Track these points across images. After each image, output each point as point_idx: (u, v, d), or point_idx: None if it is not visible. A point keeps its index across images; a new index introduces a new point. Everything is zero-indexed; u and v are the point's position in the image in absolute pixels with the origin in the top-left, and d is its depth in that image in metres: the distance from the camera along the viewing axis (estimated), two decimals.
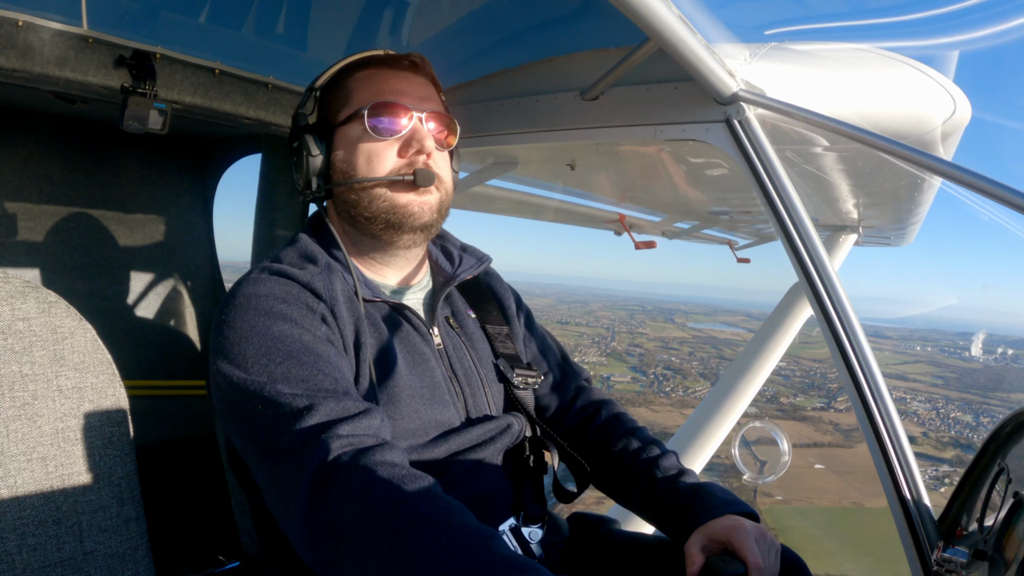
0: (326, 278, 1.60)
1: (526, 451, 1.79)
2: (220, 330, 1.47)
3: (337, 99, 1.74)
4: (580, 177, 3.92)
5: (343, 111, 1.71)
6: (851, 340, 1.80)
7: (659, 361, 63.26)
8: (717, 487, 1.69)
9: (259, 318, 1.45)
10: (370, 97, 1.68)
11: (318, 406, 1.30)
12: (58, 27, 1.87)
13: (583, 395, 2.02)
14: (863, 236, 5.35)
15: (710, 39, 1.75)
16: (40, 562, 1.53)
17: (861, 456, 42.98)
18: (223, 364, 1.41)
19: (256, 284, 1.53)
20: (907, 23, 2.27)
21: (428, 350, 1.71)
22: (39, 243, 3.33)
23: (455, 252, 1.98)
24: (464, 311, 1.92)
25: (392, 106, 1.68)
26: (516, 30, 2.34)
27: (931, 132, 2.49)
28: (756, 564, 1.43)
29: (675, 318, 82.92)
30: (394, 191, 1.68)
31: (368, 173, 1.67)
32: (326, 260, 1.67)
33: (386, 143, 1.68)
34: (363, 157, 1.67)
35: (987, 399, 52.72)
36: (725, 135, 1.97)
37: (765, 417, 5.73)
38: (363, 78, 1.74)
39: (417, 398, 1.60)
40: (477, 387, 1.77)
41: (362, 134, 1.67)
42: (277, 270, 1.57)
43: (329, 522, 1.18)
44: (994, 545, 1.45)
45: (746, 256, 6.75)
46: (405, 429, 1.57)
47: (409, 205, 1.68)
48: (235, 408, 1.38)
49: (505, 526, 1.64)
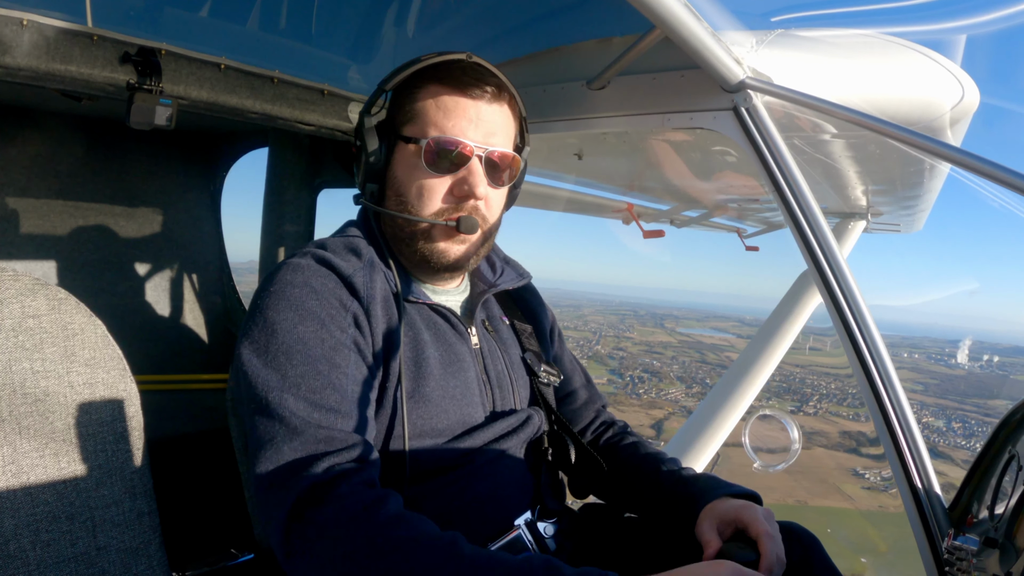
0: (367, 274, 1.60)
1: (545, 444, 1.82)
2: (252, 313, 1.49)
3: (405, 108, 1.67)
4: (588, 167, 3.92)
5: (408, 127, 1.66)
6: (860, 327, 1.80)
7: (639, 364, 63.40)
8: (718, 476, 1.73)
9: (288, 312, 1.46)
10: (433, 127, 1.62)
11: (309, 432, 1.34)
12: (62, 25, 1.87)
13: (600, 417, 2.07)
14: (872, 223, 5.33)
15: (716, 27, 1.74)
16: (54, 557, 1.54)
17: (817, 458, 43.80)
18: (245, 349, 1.44)
19: (296, 271, 1.53)
20: (914, 8, 2.26)
21: (465, 350, 1.72)
22: (48, 240, 3.35)
23: (498, 263, 1.97)
24: (499, 316, 1.94)
25: (452, 143, 1.61)
26: (522, 20, 2.33)
27: (939, 118, 2.47)
28: (767, 533, 1.44)
29: (665, 323, 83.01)
30: (435, 232, 1.65)
31: (417, 204, 1.64)
32: (370, 256, 1.66)
33: (440, 180, 1.63)
34: (416, 186, 1.64)
35: (962, 405, 52.81)
36: (732, 123, 1.96)
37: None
38: (433, 96, 1.64)
39: (448, 398, 1.62)
40: (507, 388, 1.79)
41: (419, 162, 1.62)
42: (320, 257, 1.57)
43: (305, 550, 1.25)
44: (1005, 533, 1.45)
45: (754, 244, 6.73)
46: (434, 428, 1.59)
47: (447, 252, 1.67)
48: (245, 393, 1.42)
49: (521, 520, 1.65)
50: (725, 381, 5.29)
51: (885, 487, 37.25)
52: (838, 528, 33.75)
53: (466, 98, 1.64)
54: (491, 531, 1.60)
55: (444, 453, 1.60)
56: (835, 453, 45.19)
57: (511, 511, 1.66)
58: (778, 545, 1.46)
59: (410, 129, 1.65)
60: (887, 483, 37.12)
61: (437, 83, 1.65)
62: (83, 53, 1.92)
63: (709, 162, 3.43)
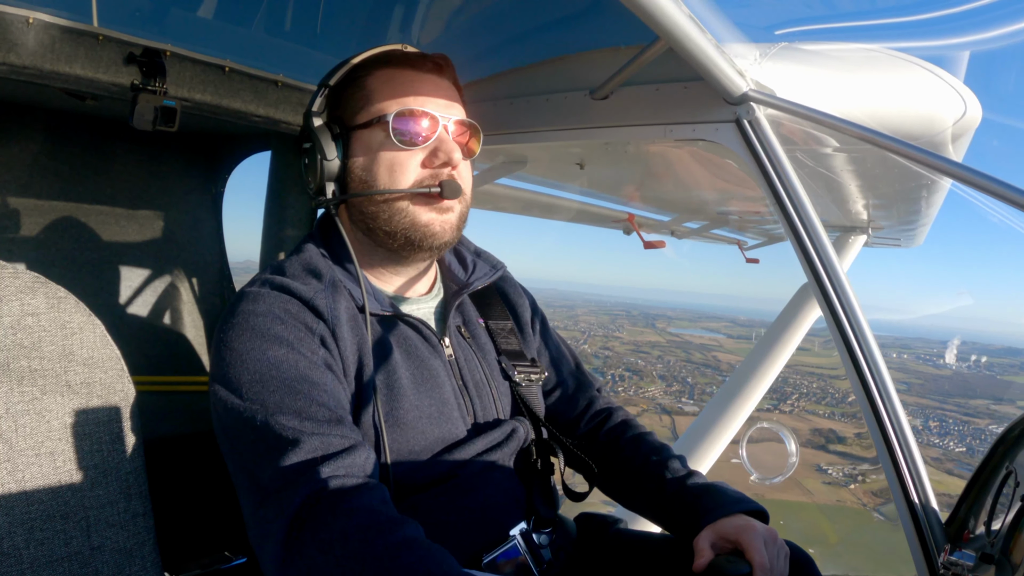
0: (329, 296, 1.56)
1: (533, 455, 1.78)
2: (219, 350, 1.45)
3: (354, 99, 1.66)
4: (589, 176, 3.92)
5: (362, 113, 1.64)
6: (860, 341, 1.79)
7: (623, 363, 63.24)
8: (727, 486, 1.69)
9: (255, 341, 1.43)
10: (394, 102, 1.61)
11: (304, 442, 1.29)
12: (68, 24, 1.87)
13: (595, 404, 2.02)
14: (872, 237, 5.33)
15: (720, 39, 1.75)
16: (47, 557, 1.53)
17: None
18: (219, 388, 1.41)
19: (256, 300, 1.50)
20: (917, 23, 2.26)
21: (438, 363, 1.68)
22: (49, 239, 3.34)
23: (469, 258, 1.93)
24: (475, 320, 1.89)
25: (419, 114, 1.60)
26: (526, 28, 2.33)
27: (941, 133, 2.48)
28: (762, 565, 1.42)
29: (656, 323, 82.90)
30: (416, 205, 1.62)
31: (390, 184, 1.60)
32: (331, 275, 1.62)
33: (410, 152, 1.61)
34: (385, 166, 1.60)
35: (943, 404, 52.84)
36: (735, 135, 1.96)
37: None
38: (384, 79, 1.65)
39: (424, 419, 1.58)
40: (487, 396, 1.75)
41: (384, 141, 1.60)
42: (279, 284, 1.54)
43: (303, 571, 1.19)
44: (1001, 548, 1.44)
45: (755, 256, 6.74)
46: (410, 450, 1.56)
47: (431, 224, 1.63)
48: (228, 434, 1.39)
49: (516, 531, 1.63)
50: (727, 390, 5.31)
51: (846, 483, 37.21)
52: (791, 521, 33.66)
53: (419, 71, 1.66)
54: (485, 542, 1.58)
55: (427, 470, 1.57)
56: (803, 450, 45.20)
57: (504, 522, 1.63)
58: (776, 573, 1.45)
59: (364, 115, 1.63)
60: (848, 479, 37.13)
61: (384, 66, 1.66)
62: (88, 53, 1.93)
63: (711, 174, 3.44)
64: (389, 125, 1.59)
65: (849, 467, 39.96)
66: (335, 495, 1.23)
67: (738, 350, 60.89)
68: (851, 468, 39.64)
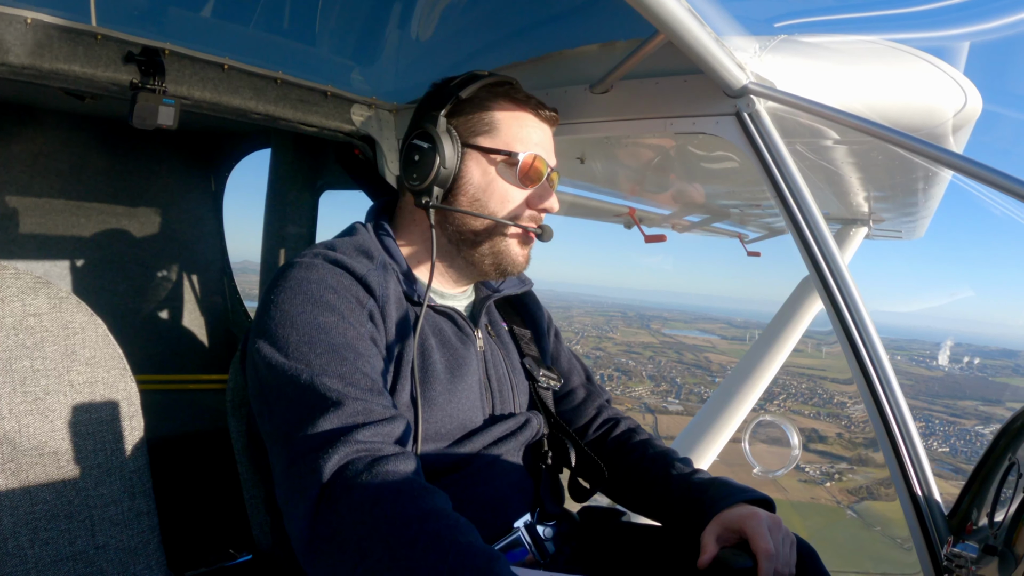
0: (381, 275, 1.60)
1: (544, 447, 1.83)
2: (266, 309, 1.47)
3: (476, 120, 1.73)
4: (590, 171, 3.92)
5: (485, 138, 1.72)
6: (862, 334, 1.80)
7: (614, 364, 63.24)
8: (731, 480, 1.71)
9: (307, 305, 1.45)
10: (524, 143, 1.72)
11: (346, 406, 1.30)
12: (66, 24, 1.87)
13: (603, 413, 2.06)
14: (873, 229, 5.32)
15: (720, 32, 1.74)
16: (52, 556, 1.54)
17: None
18: (264, 345, 1.42)
19: (309, 269, 1.52)
20: (917, 14, 2.25)
21: (470, 354, 1.73)
22: (50, 239, 3.35)
23: None
24: (499, 322, 1.97)
25: (540, 162, 1.73)
26: (526, 23, 2.33)
27: (942, 125, 2.47)
28: (767, 550, 1.44)
29: (651, 324, 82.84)
30: (513, 238, 1.75)
31: (499, 211, 1.72)
32: (382, 257, 1.66)
33: (521, 191, 1.74)
34: (499, 194, 1.72)
35: (931, 406, 52.96)
36: (735, 128, 1.96)
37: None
38: (512, 115, 1.74)
39: (452, 403, 1.62)
40: (507, 392, 1.80)
41: (506, 172, 1.72)
42: (332, 258, 1.57)
43: (333, 529, 1.18)
44: (1004, 540, 1.44)
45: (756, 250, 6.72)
46: (436, 432, 1.59)
47: (518, 258, 1.77)
48: (267, 391, 1.39)
49: (520, 523, 1.66)
50: (727, 385, 5.29)
51: (821, 480, 37.21)
52: None
53: (540, 120, 1.78)
54: (490, 533, 1.60)
55: (445, 457, 1.60)
56: None
57: (510, 514, 1.66)
58: (780, 560, 1.46)
59: (489, 141, 1.71)
60: (825, 477, 37.18)
61: (508, 100, 1.74)
62: (87, 52, 1.93)
63: (711, 167, 3.43)
64: (518, 163, 1.70)
65: (827, 465, 40.03)
66: (373, 459, 1.24)
67: (731, 351, 60.76)
68: (829, 467, 39.73)
